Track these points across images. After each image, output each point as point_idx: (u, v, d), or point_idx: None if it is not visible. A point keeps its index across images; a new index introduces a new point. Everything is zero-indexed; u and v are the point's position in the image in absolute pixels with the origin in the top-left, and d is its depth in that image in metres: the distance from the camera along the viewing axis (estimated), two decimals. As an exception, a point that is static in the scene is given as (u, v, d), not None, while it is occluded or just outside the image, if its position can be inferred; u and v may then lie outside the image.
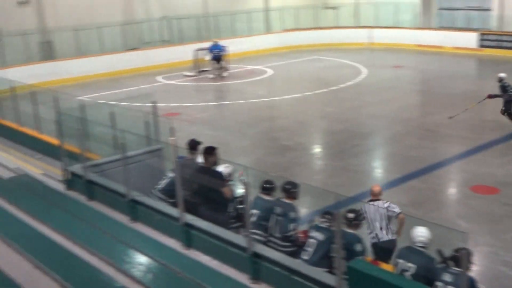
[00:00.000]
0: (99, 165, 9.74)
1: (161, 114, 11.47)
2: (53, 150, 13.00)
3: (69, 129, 10.48)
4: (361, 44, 33.61)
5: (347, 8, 35.75)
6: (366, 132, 16.20)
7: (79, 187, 9.53)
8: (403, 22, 33.57)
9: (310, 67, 27.94)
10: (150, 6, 31.84)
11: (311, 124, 17.63)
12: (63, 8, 28.30)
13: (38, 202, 9.01)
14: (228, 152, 14.17)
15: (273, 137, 16.05)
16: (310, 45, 34.25)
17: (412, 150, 14.20)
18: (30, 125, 15.36)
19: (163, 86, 24.85)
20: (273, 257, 6.41)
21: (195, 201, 8.03)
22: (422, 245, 6.43)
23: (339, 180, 12.51)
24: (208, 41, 30.50)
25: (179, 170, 7.26)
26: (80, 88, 24.38)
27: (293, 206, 7.59)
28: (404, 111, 18.26)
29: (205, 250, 7.20)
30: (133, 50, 29.49)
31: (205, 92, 23.50)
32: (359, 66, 26.99)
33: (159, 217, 7.86)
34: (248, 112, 19.08)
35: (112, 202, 8.78)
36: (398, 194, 11.50)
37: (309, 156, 14.62)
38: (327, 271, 6.74)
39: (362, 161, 13.73)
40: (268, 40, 33.96)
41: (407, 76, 25.39)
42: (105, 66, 27.94)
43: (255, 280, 6.49)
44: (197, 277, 6.35)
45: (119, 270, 6.59)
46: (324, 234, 6.92)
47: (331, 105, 19.60)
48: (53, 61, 27.02)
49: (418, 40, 31.71)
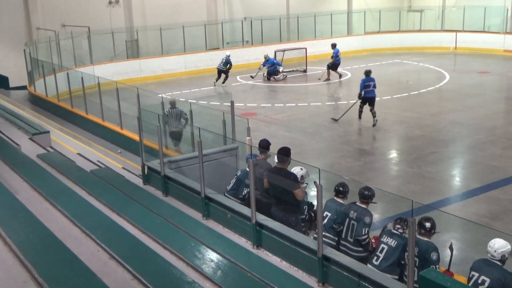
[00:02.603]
0: (176, 161, 9.96)
1: (239, 114, 11.61)
2: (133, 145, 13.46)
3: (149, 125, 10.78)
4: (446, 49, 32.67)
5: (433, 11, 34.87)
6: (446, 139, 15.73)
7: (156, 182, 9.77)
8: (490, 26, 32.36)
9: (391, 71, 27.43)
10: (233, 6, 32.28)
11: (389, 128, 17.30)
12: (150, 8, 29.21)
13: (116, 195, 9.29)
14: (303, 153, 14.19)
15: (349, 141, 15.88)
16: (391, 49, 33.66)
17: (494, 160, 13.67)
18: (113, 120, 15.95)
19: (241, 86, 25.11)
20: (342, 261, 6.34)
21: (266, 201, 8.07)
22: (500, 258, 6.18)
23: (415, 187, 12.22)
24: (288, 43, 30.71)
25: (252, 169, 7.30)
26: (162, 86, 25.06)
27: (368, 211, 7.51)
28: (488, 119, 17.60)
29: (274, 250, 7.22)
30: (214, 50, 29.96)
31: (283, 93, 23.54)
32: (442, 71, 26.25)
33: (231, 215, 7.94)
34: (325, 114, 18.95)
35: (187, 198, 8.95)
36: (477, 204, 11.12)
37: (385, 161, 14.36)
38: (397, 278, 6.62)
39: (440, 168, 13.35)
40: (349, 43, 33.59)
41: (492, 82, 24.46)
42: (187, 65, 28.56)
43: (323, 284, 6.44)
44: (265, 277, 6.37)
45: (190, 265, 6.70)
46: (397, 241, 6.80)
47: (411, 110, 19.16)
48: (138, 59, 27.88)
49: (506, 46, 30.45)
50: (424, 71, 27.07)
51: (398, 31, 34.66)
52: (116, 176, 10.74)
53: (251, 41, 31.32)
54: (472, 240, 9.43)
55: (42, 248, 6.96)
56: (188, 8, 30.38)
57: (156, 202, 9.01)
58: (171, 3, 29.64)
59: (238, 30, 31.63)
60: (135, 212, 8.45)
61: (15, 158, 11.27)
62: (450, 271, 6.97)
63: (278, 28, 32.35)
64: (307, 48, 28.49)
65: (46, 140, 13.39)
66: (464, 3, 33.13)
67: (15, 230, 7.46)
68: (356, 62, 29.96)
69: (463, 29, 32.53)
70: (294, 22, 32.85)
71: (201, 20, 30.01)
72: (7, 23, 25.69)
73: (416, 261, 6.36)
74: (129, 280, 6.31)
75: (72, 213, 8.18)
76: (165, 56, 28.32)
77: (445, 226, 8.59)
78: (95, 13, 27.45)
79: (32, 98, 22.87)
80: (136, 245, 7.18)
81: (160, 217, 8.23)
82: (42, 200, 8.95)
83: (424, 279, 5.23)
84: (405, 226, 6.77)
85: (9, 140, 13.10)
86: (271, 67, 25.48)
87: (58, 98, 19.78)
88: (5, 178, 9.89)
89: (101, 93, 16.37)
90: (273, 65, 25.55)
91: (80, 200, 8.86)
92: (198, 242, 7.34)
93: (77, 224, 7.84)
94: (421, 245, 6.48)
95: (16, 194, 8.99)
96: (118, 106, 15.53)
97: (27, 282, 6.14)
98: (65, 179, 10.06)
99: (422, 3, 36.20)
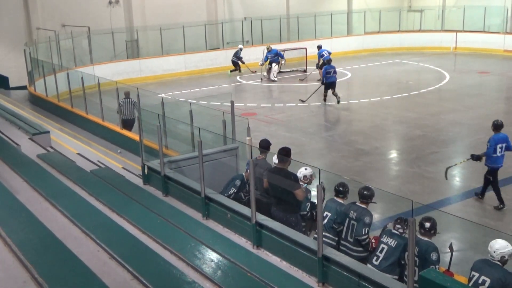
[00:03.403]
0: (176, 161, 9.96)
1: (239, 114, 11.61)
2: (133, 145, 13.46)
3: (149, 125, 10.79)
4: (446, 49, 32.67)
5: (433, 11, 34.86)
6: (446, 139, 15.73)
7: (156, 182, 9.78)
8: (490, 26, 32.35)
9: (391, 71, 27.44)
10: (233, 6, 32.28)
11: (389, 128, 17.30)
12: (150, 8, 29.22)
13: (116, 195, 9.30)
14: (303, 153, 14.18)
15: (349, 141, 15.87)
16: (391, 49, 33.67)
17: (494, 160, 13.65)
18: (113, 120, 15.95)
19: (241, 86, 25.11)
20: (342, 261, 6.34)
21: (266, 201, 8.08)
22: (500, 259, 6.19)
23: (415, 187, 12.22)
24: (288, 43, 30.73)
25: (252, 169, 7.30)
26: (162, 86, 25.06)
27: (368, 211, 7.52)
28: (488, 119, 17.42)
29: (274, 250, 7.23)
30: (214, 50, 29.97)
31: (283, 93, 23.54)
32: (442, 71, 26.25)
33: (231, 215, 7.94)
34: (325, 114, 18.96)
35: (187, 198, 8.96)
36: (477, 204, 11.12)
37: (384, 161, 14.36)
38: (397, 278, 6.63)
39: (440, 168, 13.30)
40: (349, 43, 33.63)
41: (492, 82, 24.46)
42: (187, 65, 28.56)
43: (323, 284, 6.45)
44: (265, 277, 6.37)
45: (190, 265, 6.70)
46: (397, 241, 6.81)
47: (411, 110, 19.16)
48: (138, 59, 27.88)
49: (506, 46, 30.45)
50: (424, 71, 27.07)
51: (398, 31, 34.66)
52: (116, 176, 10.74)
53: (251, 41, 31.31)
54: (472, 240, 9.44)
55: (42, 248, 6.96)
56: (188, 8, 30.38)
57: (156, 202, 9.02)
58: (171, 3, 29.65)
59: (238, 30, 31.62)
60: (135, 212, 8.45)
61: (15, 158, 11.27)
62: (450, 271, 6.98)
63: (278, 28, 32.35)
64: (307, 48, 28.48)
65: (46, 140, 13.40)
66: (464, 3, 33.12)
67: (15, 230, 7.46)
68: (356, 62, 29.97)
69: (463, 29, 32.52)
70: (294, 22, 32.85)
71: (201, 20, 30.01)
72: (7, 23, 25.69)
73: (416, 261, 6.36)
74: (129, 280, 6.32)
75: (72, 213, 8.19)
76: (165, 56, 28.32)
77: (445, 226, 8.59)
78: (95, 13, 27.45)
79: (32, 98, 22.87)
80: (136, 245, 7.19)
81: (160, 217, 8.23)
82: (42, 200, 8.96)
83: (424, 279, 5.23)
84: (405, 226, 6.78)
85: (9, 140, 13.10)
86: (274, 57, 25.52)
87: (58, 98, 19.78)
88: (5, 178, 9.89)
89: (101, 93, 16.37)
90: (276, 55, 25.62)
91: (80, 200, 8.87)
92: (198, 242, 7.35)
93: (77, 224, 7.84)
94: (421, 245, 6.49)
95: (16, 194, 8.99)
96: (118, 106, 15.54)
97: (27, 282, 6.14)
98: (65, 179, 10.07)
99: (422, 3, 36.20)
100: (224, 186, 8.95)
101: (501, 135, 11.06)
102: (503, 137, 11.01)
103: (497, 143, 10.93)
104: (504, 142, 10.94)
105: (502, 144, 10.96)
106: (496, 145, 10.94)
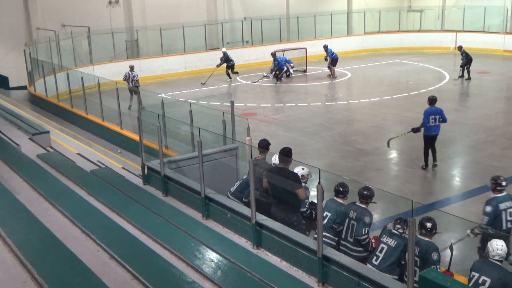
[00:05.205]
0: (175, 161, 9.96)
1: (238, 114, 11.61)
2: (133, 145, 13.46)
3: (149, 125, 10.78)
4: (446, 49, 32.67)
5: (433, 11, 34.86)
6: (446, 139, 15.70)
7: (156, 182, 9.78)
8: (490, 26, 32.35)
9: (391, 71, 27.44)
10: (233, 6, 32.27)
11: (388, 129, 17.27)
12: (150, 8, 29.21)
13: (116, 195, 9.30)
14: (303, 153, 14.18)
15: (349, 141, 15.86)
16: (391, 49, 33.68)
17: (494, 160, 13.67)
18: (113, 120, 15.95)
19: (241, 86, 25.11)
20: (342, 261, 6.34)
21: (266, 201, 8.07)
22: (499, 259, 6.19)
23: (415, 187, 12.22)
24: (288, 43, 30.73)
25: (251, 169, 7.30)
26: (162, 86, 25.06)
27: (367, 211, 7.51)
28: (488, 119, 17.60)
29: (274, 250, 7.22)
30: (214, 50, 29.96)
31: (283, 93, 23.53)
32: (442, 71, 26.25)
33: (231, 215, 7.94)
34: (325, 115, 18.96)
35: (187, 198, 8.95)
36: (477, 204, 11.10)
37: (384, 161, 14.36)
38: (396, 278, 6.63)
39: (440, 168, 13.34)
40: (349, 43, 33.63)
41: (493, 82, 24.46)
42: (187, 65, 28.56)
43: (323, 284, 6.44)
44: (265, 277, 6.37)
45: (190, 265, 6.70)
46: (396, 241, 6.81)
47: (411, 110, 19.12)
48: (138, 59, 27.86)
49: (506, 46, 30.45)
50: (424, 71, 27.07)
51: (398, 31, 34.67)
52: (116, 176, 10.74)
53: (251, 41, 31.32)
54: (472, 240, 9.42)
55: (42, 248, 6.96)
56: (188, 8, 30.38)
57: (156, 202, 9.02)
58: (171, 3, 29.65)
59: (238, 30, 31.62)
60: (135, 212, 8.45)
61: (15, 158, 11.27)
62: (450, 271, 6.97)
63: (278, 28, 32.35)
64: (307, 48, 28.49)
65: (46, 140, 13.40)
66: (464, 3, 33.14)
67: (15, 230, 7.46)
68: (356, 62, 29.97)
69: (463, 29, 32.52)
70: (294, 22, 32.85)
71: (201, 20, 30.01)
72: (7, 23, 25.68)
73: (416, 261, 6.36)
74: (129, 280, 6.31)
75: (72, 213, 8.19)
76: (165, 56, 28.33)
77: (445, 226, 8.58)
78: (95, 13, 27.44)
79: (32, 98, 22.88)
80: (136, 245, 7.19)
81: (160, 217, 8.23)
82: (42, 200, 8.95)
83: (424, 279, 5.22)
84: (405, 226, 6.77)
85: (9, 140, 13.10)
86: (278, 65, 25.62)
87: (58, 98, 19.78)
88: (5, 178, 9.89)
89: (101, 93, 16.37)
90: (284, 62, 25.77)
91: (80, 200, 8.87)
92: (198, 242, 7.34)
93: (77, 224, 7.84)
94: (422, 245, 6.49)
95: (16, 194, 8.98)
96: (118, 106, 15.53)
97: (27, 282, 6.14)
98: (65, 179, 10.07)
99: (422, 3, 36.20)
100: (236, 187, 8.84)
101: (434, 108, 13.05)
102: (436, 110, 13.01)
103: (430, 115, 12.97)
104: (437, 114, 12.94)
105: (435, 116, 12.95)
106: (429, 116, 12.97)
